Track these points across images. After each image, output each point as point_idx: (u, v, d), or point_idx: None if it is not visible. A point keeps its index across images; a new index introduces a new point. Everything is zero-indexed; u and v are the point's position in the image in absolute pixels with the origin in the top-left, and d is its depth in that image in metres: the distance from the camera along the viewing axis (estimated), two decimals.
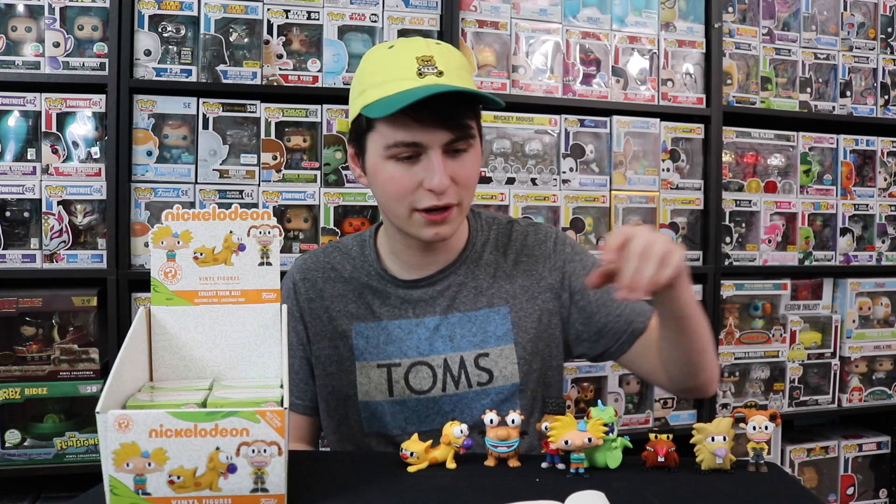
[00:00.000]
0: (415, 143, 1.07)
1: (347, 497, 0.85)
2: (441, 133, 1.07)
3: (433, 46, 1.10)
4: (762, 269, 2.30)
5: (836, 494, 2.40)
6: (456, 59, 1.11)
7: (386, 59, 1.10)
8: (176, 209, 0.98)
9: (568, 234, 1.29)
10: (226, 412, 0.77)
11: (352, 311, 1.23)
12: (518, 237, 1.27)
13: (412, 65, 1.07)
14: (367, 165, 1.13)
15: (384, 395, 1.20)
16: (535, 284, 1.24)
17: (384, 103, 1.05)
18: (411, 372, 1.20)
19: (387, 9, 1.99)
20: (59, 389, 1.77)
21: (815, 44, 2.37)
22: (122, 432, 0.75)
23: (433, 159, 1.07)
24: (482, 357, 1.20)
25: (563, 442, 0.89)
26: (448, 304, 1.21)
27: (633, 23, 2.19)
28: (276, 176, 1.93)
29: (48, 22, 1.81)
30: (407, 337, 1.21)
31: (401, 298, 1.22)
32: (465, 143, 1.09)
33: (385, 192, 1.12)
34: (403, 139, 1.07)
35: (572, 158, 2.13)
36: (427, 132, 1.06)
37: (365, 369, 1.21)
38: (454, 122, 1.07)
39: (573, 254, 1.27)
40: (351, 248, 1.28)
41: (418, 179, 1.08)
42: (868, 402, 2.42)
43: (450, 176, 1.08)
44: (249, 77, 1.90)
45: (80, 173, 1.82)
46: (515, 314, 1.22)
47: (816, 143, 2.37)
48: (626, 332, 1.21)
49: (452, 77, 1.07)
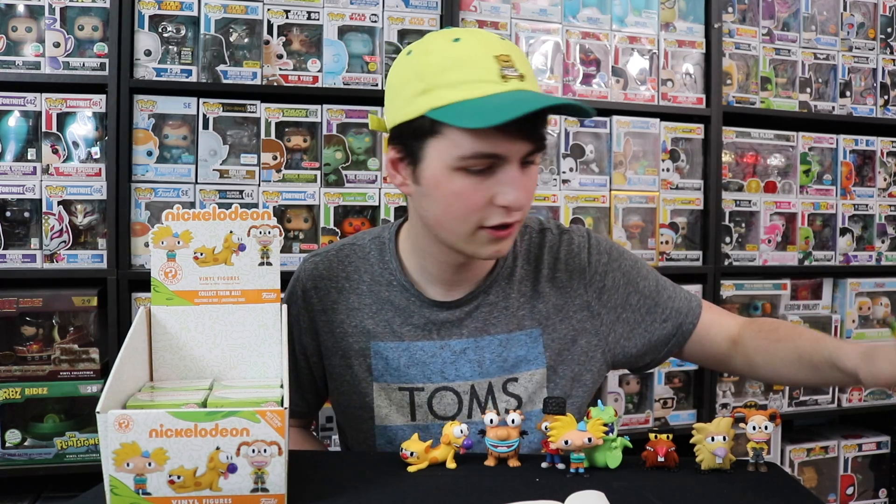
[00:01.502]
0: (496, 154, 0.94)
1: (347, 497, 0.85)
2: (522, 144, 0.95)
3: (505, 42, 0.98)
4: (762, 269, 2.30)
5: (835, 494, 2.40)
6: (526, 58, 1.00)
7: (457, 55, 0.95)
8: (176, 209, 0.98)
9: (603, 237, 1.20)
10: (226, 412, 0.77)
11: (369, 327, 1.12)
12: (551, 249, 1.15)
13: (492, 65, 0.93)
14: (424, 175, 0.98)
15: (406, 419, 1.11)
16: (569, 303, 1.13)
17: (471, 109, 0.91)
18: (435, 397, 1.10)
19: (387, 9, 1.99)
20: (60, 389, 1.77)
21: (814, 44, 2.37)
22: (122, 432, 0.75)
23: (510, 173, 0.95)
24: (510, 382, 1.11)
25: (563, 442, 0.89)
26: (478, 326, 1.11)
27: (632, 23, 2.19)
28: (276, 176, 1.93)
29: (48, 22, 1.81)
30: (431, 360, 1.10)
31: (425, 318, 1.11)
32: (538, 154, 0.99)
33: (448, 208, 0.98)
34: (483, 150, 0.94)
35: (572, 158, 2.13)
36: (511, 143, 0.94)
37: (385, 391, 1.11)
38: (537, 133, 0.96)
39: (610, 262, 1.16)
40: (369, 251, 1.15)
41: (491, 194, 0.96)
42: (868, 401, 2.42)
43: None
44: (249, 77, 1.90)
45: (81, 173, 1.82)
46: (548, 336, 1.12)
47: (816, 143, 2.37)
48: (674, 336, 1.15)
49: (531, 82, 0.96)
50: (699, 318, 1.15)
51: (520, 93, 0.93)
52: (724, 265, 2.24)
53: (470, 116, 0.91)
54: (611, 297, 1.15)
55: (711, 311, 1.19)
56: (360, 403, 1.12)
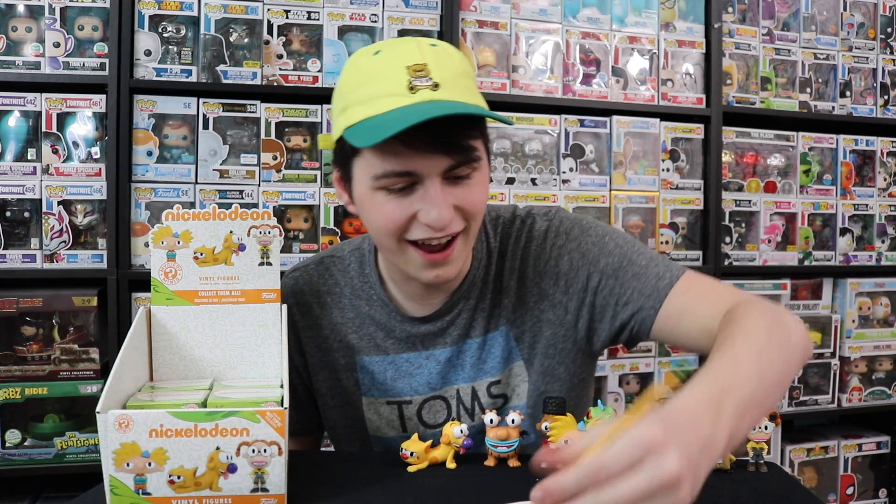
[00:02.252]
0: (408, 172, 0.90)
1: (347, 497, 0.85)
2: (439, 159, 0.89)
3: (427, 50, 0.91)
4: (762, 269, 2.30)
5: (835, 494, 2.40)
6: (455, 63, 0.93)
7: (370, 69, 0.91)
8: (176, 209, 0.98)
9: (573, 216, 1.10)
10: (226, 412, 0.77)
11: (353, 342, 1.10)
12: (517, 239, 1.09)
13: (402, 77, 0.88)
14: (355, 194, 0.96)
15: (396, 430, 1.10)
16: (528, 292, 1.07)
17: (369, 127, 0.87)
18: (424, 408, 1.09)
19: (387, 9, 1.99)
20: (60, 389, 1.77)
21: (814, 44, 2.37)
22: (122, 432, 0.75)
23: (430, 190, 0.90)
24: (494, 385, 1.08)
25: (563, 442, 0.89)
26: (459, 333, 1.07)
27: (632, 23, 2.19)
28: (276, 176, 1.93)
29: (48, 22, 1.81)
30: (417, 372, 1.08)
31: (407, 332, 1.08)
32: (468, 167, 0.92)
33: (375, 225, 0.95)
34: (394, 168, 0.89)
35: (572, 158, 2.13)
36: (423, 159, 0.89)
37: (374, 405, 1.10)
38: (455, 145, 0.89)
39: (567, 243, 1.06)
40: (349, 264, 1.12)
41: (413, 211, 0.92)
42: (868, 401, 2.42)
43: (453, 205, 0.92)
44: (249, 77, 1.90)
45: (81, 173, 1.82)
46: (517, 329, 1.07)
47: (816, 143, 2.37)
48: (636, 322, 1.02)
49: (450, 89, 0.89)
50: (663, 301, 1.00)
51: (423, 104, 0.86)
52: (724, 265, 2.24)
53: (365, 134, 0.87)
54: (570, 283, 1.05)
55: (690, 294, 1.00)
56: (352, 416, 1.11)
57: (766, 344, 0.79)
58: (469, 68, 0.96)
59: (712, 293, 0.99)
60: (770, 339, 0.80)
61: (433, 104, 0.86)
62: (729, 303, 0.94)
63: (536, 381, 1.08)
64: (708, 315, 0.95)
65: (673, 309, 0.99)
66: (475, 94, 0.94)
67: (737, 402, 0.69)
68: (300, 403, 1.16)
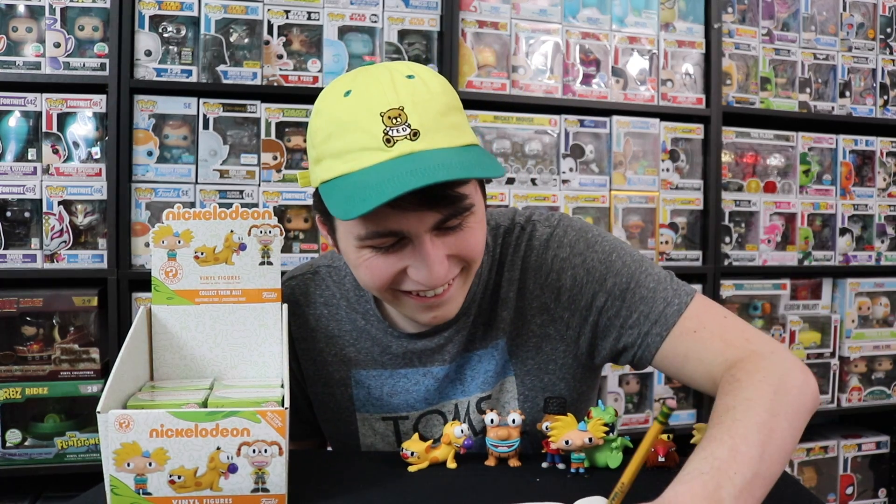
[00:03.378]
0: (394, 232, 0.84)
1: (347, 497, 0.85)
2: (427, 215, 0.83)
3: (402, 87, 0.82)
4: (762, 269, 2.30)
5: (835, 494, 2.40)
6: (436, 99, 0.83)
7: (342, 116, 0.83)
8: (177, 208, 0.98)
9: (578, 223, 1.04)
10: (226, 412, 0.77)
11: (349, 356, 1.06)
12: (517, 248, 1.03)
13: (376, 127, 0.80)
14: (340, 245, 0.92)
15: (391, 446, 1.06)
16: (527, 305, 1.02)
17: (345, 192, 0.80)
18: (420, 422, 1.06)
19: (387, 9, 1.99)
20: (60, 389, 1.77)
21: (814, 44, 2.37)
22: (122, 432, 0.75)
23: (420, 248, 0.84)
24: (484, 400, 1.04)
25: (564, 442, 0.89)
26: (458, 349, 1.03)
27: (632, 23, 2.20)
28: (277, 176, 1.93)
29: (49, 22, 1.81)
30: (414, 388, 1.05)
31: (404, 349, 1.03)
32: (461, 217, 0.85)
33: (362, 280, 0.91)
34: (378, 230, 0.84)
35: (572, 158, 2.13)
36: (409, 218, 0.82)
37: (368, 421, 1.07)
38: (443, 199, 0.82)
39: (572, 256, 1.00)
40: (345, 275, 1.07)
41: (403, 266, 0.86)
42: (867, 401, 2.42)
43: (447, 254, 0.86)
44: (250, 77, 1.90)
45: (81, 173, 1.82)
46: (512, 342, 1.02)
47: (816, 143, 2.37)
48: (638, 349, 0.97)
49: (432, 135, 0.81)
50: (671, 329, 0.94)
51: (402, 160, 0.79)
52: (723, 265, 2.24)
53: (341, 202, 0.80)
54: (573, 299, 0.99)
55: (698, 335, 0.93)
56: (345, 431, 1.09)
57: (768, 416, 0.76)
58: (451, 99, 0.86)
59: (721, 337, 0.93)
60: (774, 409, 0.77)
61: (413, 160, 0.79)
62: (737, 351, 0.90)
63: (532, 396, 1.04)
64: (714, 363, 0.91)
65: (679, 350, 0.94)
66: (461, 130, 0.85)
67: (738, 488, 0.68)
68: (299, 409, 1.13)
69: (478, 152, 0.85)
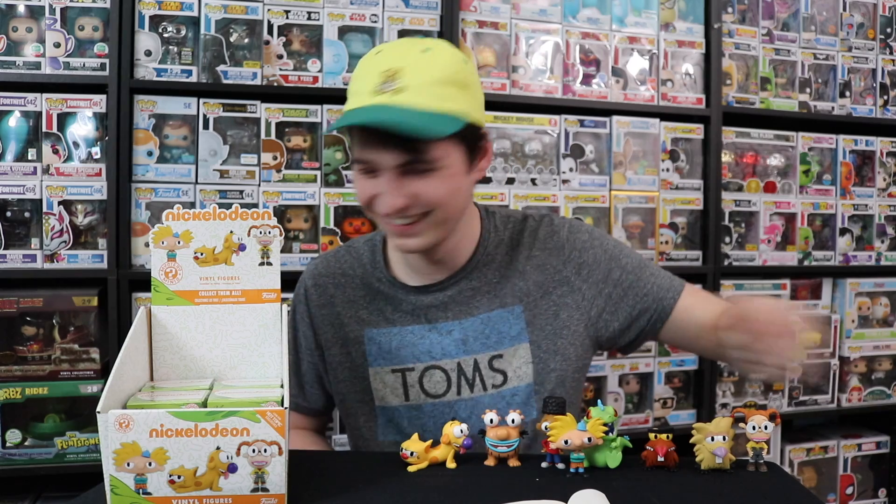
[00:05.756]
0: (367, 161, 1.06)
1: (347, 497, 0.85)
2: (392, 154, 1.03)
3: (414, 54, 1.04)
4: (762, 270, 2.30)
5: (835, 494, 2.40)
6: (438, 69, 1.03)
7: (362, 68, 1.07)
8: (176, 209, 0.98)
9: (586, 223, 1.27)
10: (226, 412, 0.77)
11: (363, 316, 1.21)
12: (531, 233, 1.22)
13: (374, 80, 1.02)
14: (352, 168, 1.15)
15: (400, 399, 1.19)
16: (548, 279, 1.19)
17: (342, 118, 1.05)
18: (425, 376, 1.18)
19: (387, 9, 1.99)
20: (60, 389, 1.77)
21: (814, 44, 2.37)
22: (122, 432, 0.75)
23: (382, 180, 1.05)
24: (496, 359, 1.18)
25: (563, 441, 0.89)
26: (461, 309, 1.18)
27: (632, 23, 2.20)
28: (277, 176, 1.93)
29: (49, 22, 1.81)
30: (419, 342, 1.19)
31: (412, 304, 1.19)
32: (424, 165, 1.04)
33: (357, 196, 1.13)
34: (360, 156, 1.07)
35: (572, 158, 2.13)
36: (377, 153, 1.04)
37: (379, 375, 1.20)
38: (406, 145, 1.02)
39: (591, 240, 1.21)
40: (362, 252, 1.26)
41: (375, 192, 1.07)
42: (867, 401, 2.42)
43: (410, 194, 1.05)
44: (250, 77, 1.91)
45: (81, 173, 1.83)
46: (529, 312, 1.18)
47: (816, 143, 2.37)
48: (654, 312, 1.18)
49: (414, 94, 1.00)
50: (680, 295, 1.18)
51: (375, 107, 1.00)
52: (723, 265, 2.24)
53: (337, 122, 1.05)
54: (591, 273, 1.19)
55: (695, 295, 1.21)
56: (360, 388, 1.21)
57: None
58: (454, 73, 1.05)
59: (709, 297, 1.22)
60: None
61: (385, 109, 1.00)
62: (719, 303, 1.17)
63: (546, 359, 1.18)
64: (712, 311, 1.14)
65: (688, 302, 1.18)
66: (450, 99, 1.03)
67: None
68: (302, 380, 1.28)
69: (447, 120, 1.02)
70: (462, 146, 1.08)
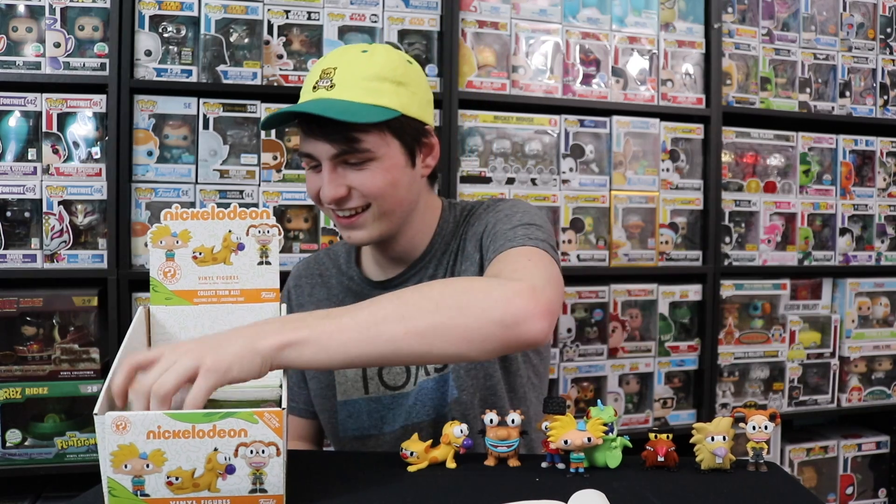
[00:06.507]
0: (307, 153, 1.11)
1: (347, 497, 0.85)
2: (325, 146, 1.08)
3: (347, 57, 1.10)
4: (762, 269, 2.30)
5: (835, 494, 2.40)
6: (372, 67, 1.08)
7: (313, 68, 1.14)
8: (175, 208, 0.98)
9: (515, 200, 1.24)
10: (224, 413, 0.77)
11: None
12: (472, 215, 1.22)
13: (315, 77, 1.10)
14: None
15: (360, 392, 1.23)
16: (467, 259, 1.19)
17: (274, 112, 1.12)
18: (383, 368, 1.22)
19: (387, 9, 1.99)
20: (60, 389, 1.77)
21: (814, 44, 2.37)
22: (119, 434, 0.75)
23: (321, 171, 1.11)
24: None
25: (563, 441, 0.89)
26: None
27: (632, 23, 2.19)
28: (277, 176, 1.93)
29: (49, 22, 1.81)
30: None
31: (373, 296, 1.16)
32: (358, 156, 1.08)
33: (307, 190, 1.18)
34: (301, 149, 1.13)
35: (572, 158, 2.13)
36: (313, 145, 1.10)
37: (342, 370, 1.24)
38: (336, 136, 1.07)
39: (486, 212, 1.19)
40: (339, 253, 1.33)
41: (319, 185, 1.12)
42: (867, 401, 2.42)
43: (348, 186, 1.09)
44: (250, 77, 1.90)
45: (81, 173, 1.82)
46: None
47: (816, 143, 2.37)
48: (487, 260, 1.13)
49: (345, 89, 1.07)
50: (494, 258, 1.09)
51: (309, 102, 1.08)
52: (723, 265, 2.24)
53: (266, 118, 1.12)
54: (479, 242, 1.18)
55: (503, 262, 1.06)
56: (326, 383, 1.25)
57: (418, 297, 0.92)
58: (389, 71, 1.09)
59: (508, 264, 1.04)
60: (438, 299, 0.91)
61: (318, 102, 1.07)
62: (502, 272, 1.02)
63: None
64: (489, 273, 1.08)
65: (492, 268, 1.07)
66: (381, 94, 1.08)
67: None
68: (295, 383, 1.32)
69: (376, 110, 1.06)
70: (399, 140, 1.11)
